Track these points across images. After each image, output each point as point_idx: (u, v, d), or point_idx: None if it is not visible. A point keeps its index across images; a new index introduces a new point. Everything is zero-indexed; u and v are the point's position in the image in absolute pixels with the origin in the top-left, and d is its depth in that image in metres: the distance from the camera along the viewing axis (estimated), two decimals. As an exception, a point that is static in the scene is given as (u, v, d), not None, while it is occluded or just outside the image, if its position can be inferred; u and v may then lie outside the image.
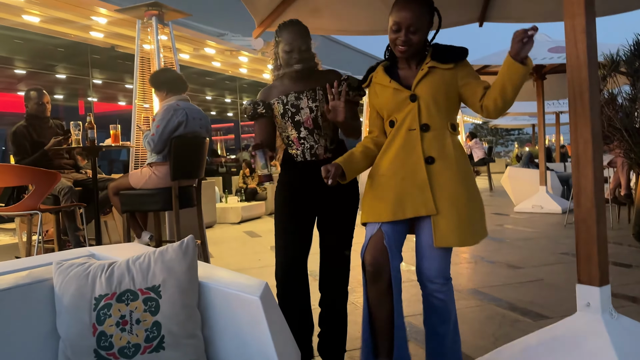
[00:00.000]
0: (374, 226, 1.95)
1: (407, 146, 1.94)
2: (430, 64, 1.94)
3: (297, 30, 2.22)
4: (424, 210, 1.89)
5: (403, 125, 1.95)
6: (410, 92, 1.95)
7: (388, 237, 1.91)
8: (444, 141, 1.93)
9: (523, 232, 6.19)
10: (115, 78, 10.84)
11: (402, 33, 1.91)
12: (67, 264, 1.50)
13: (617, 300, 3.22)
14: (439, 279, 1.94)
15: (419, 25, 1.91)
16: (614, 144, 5.33)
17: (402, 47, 1.93)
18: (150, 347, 1.40)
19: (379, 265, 1.90)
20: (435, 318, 1.98)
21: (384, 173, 1.97)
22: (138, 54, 4.62)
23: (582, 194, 2.02)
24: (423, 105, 1.93)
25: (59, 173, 3.69)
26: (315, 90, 2.26)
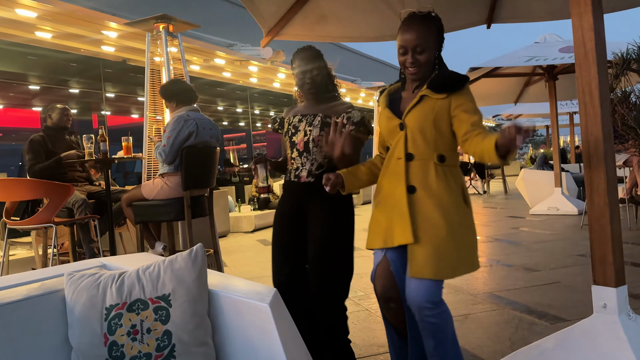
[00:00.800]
0: (379, 253, 1.99)
1: (395, 174, 1.95)
2: (423, 92, 1.93)
3: (307, 56, 2.32)
4: (404, 239, 1.87)
5: (393, 153, 1.97)
6: (399, 120, 1.96)
7: (394, 263, 1.93)
8: (427, 171, 1.91)
9: (539, 234, 6.11)
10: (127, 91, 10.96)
11: (409, 55, 1.92)
12: (78, 274, 1.51)
13: (636, 301, 3.17)
14: (427, 304, 1.85)
15: (425, 45, 1.90)
16: (629, 142, 5.25)
17: (411, 68, 1.94)
18: (162, 355, 1.40)
19: (388, 293, 1.94)
20: (430, 341, 1.91)
21: (380, 200, 2.01)
22: (148, 66, 4.67)
23: (594, 193, 1.99)
24: (409, 135, 1.93)
25: (72, 186, 3.73)
26: (315, 115, 2.31)
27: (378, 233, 1.97)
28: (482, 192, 13.12)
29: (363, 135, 2.27)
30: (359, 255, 5.86)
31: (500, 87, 8.96)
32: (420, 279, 1.84)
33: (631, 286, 3.45)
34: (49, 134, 4.24)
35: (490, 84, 8.51)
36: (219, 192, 7.82)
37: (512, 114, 14.97)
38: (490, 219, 8.05)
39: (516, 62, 6.98)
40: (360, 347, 2.74)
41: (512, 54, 7.44)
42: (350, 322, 3.15)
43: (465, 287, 3.82)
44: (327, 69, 2.36)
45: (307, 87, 2.31)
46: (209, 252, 3.96)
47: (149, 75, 4.65)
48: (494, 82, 8.50)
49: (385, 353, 2.63)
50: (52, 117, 4.34)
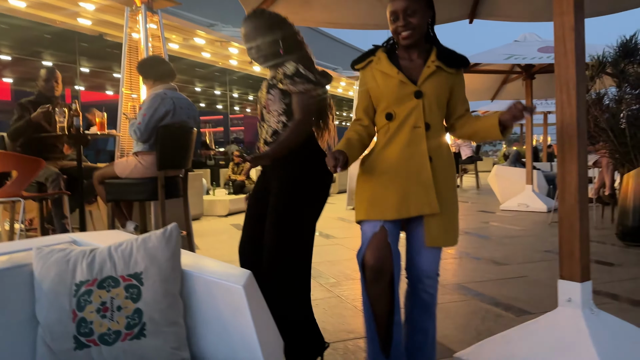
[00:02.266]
0: (374, 224, 1.88)
1: (412, 144, 1.89)
2: (437, 63, 1.91)
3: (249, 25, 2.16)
4: (427, 209, 1.87)
5: (407, 122, 1.90)
6: (416, 87, 1.90)
7: (391, 234, 1.88)
8: (440, 141, 1.94)
9: (508, 229, 6.24)
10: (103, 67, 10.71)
11: (401, 19, 1.88)
12: (47, 249, 1.48)
13: (598, 297, 3.26)
14: (433, 274, 1.98)
15: (415, 7, 1.88)
16: (600, 144, 5.39)
17: (404, 32, 1.89)
18: (131, 334, 1.39)
19: (382, 264, 1.85)
20: (423, 313, 1.99)
21: (387, 170, 1.92)
22: (126, 42, 4.57)
23: (566, 191, 2.04)
24: (427, 104, 1.89)
25: (43, 160, 3.64)
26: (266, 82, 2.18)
27: (383, 203, 1.89)
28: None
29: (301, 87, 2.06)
30: (332, 243, 5.89)
31: (478, 83, 9.05)
32: (433, 249, 1.92)
33: (595, 283, 3.55)
34: (38, 101, 4.12)
35: (468, 80, 8.48)
36: (193, 174, 7.73)
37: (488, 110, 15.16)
38: (462, 212, 8.18)
39: (495, 59, 7.06)
40: (330, 332, 2.77)
41: (491, 51, 7.53)
42: (321, 308, 3.18)
43: (435, 278, 3.88)
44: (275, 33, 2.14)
45: (252, 56, 2.17)
46: (182, 233, 3.92)
47: (127, 51, 4.55)
48: (473, 78, 8.58)
49: (355, 339, 2.66)
50: (38, 84, 4.22)
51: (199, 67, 10.70)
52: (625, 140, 4.94)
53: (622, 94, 5.02)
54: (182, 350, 1.42)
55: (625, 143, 4.95)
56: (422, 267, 1.95)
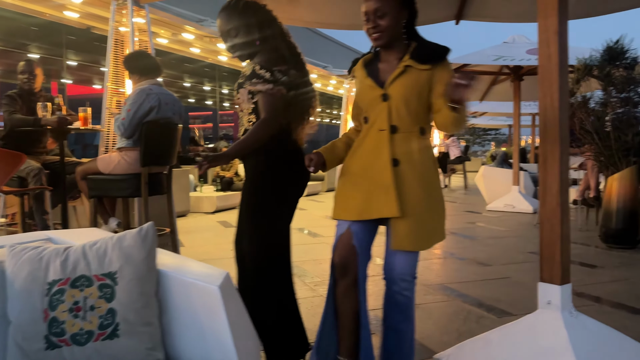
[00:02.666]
0: (343, 225, 1.93)
1: (376, 146, 1.90)
2: (407, 62, 1.89)
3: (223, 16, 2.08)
4: (387, 211, 1.86)
5: (374, 125, 1.91)
6: (382, 90, 1.90)
7: (357, 236, 1.89)
8: (410, 144, 1.90)
9: (494, 230, 6.27)
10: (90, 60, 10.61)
11: (371, 20, 1.88)
12: (20, 247, 1.45)
13: (580, 299, 3.29)
14: (407, 276, 1.95)
15: (385, 9, 1.86)
16: (585, 146, 5.43)
17: (374, 34, 1.89)
18: (104, 334, 1.37)
19: (346, 263, 1.89)
20: (398, 315, 1.98)
21: (355, 171, 1.95)
22: (112, 36, 4.51)
23: (547, 193, 2.05)
24: (393, 106, 1.88)
25: (24, 155, 3.59)
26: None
27: (349, 205, 1.92)
28: (443, 186, 13.33)
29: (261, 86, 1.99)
30: (318, 241, 5.89)
31: (467, 84, 9.08)
32: (404, 252, 1.90)
33: (577, 285, 3.59)
34: (21, 95, 4.07)
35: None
36: (180, 170, 7.68)
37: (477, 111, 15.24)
38: (449, 212, 8.17)
39: (484, 60, 7.09)
40: (312, 332, 2.75)
41: (480, 52, 7.55)
42: (304, 308, 3.16)
43: (419, 278, 3.87)
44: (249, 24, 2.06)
45: (228, 49, 2.12)
46: (166, 231, 3.89)
47: (112, 45, 4.50)
48: (462, 79, 8.61)
49: (336, 339, 2.65)
50: (18, 78, 4.16)
51: (188, 62, 10.63)
52: (610, 144, 4.98)
53: (608, 98, 5.06)
54: (157, 351, 1.41)
55: (610, 146, 4.99)
56: (396, 269, 1.93)
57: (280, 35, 2.13)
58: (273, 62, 2.03)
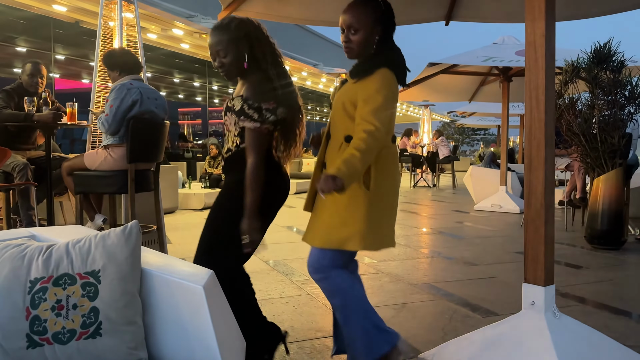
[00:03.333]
0: None
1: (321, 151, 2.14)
2: (345, 75, 2.06)
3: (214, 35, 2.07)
4: (306, 207, 2.16)
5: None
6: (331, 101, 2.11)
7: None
8: (335, 151, 2.03)
9: (481, 230, 6.31)
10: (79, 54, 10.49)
11: (344, 34, 1.99)
12: (2, 244, 1.44)
13: (565, 300, 3.32)
14: (311, 268, 2.06)
15: (358, 26, 1.95)
16: (572, 148, 5.48)
17: (345, 48, 2.01)
18: (87, 332, 1.36)
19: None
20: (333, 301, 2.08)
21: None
22: (100, 30, 4.47)
23: (532, 195, 2.06)
24: (331, 115, 2.09)
25: (9, 150, 3.55)
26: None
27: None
28: (431, 185, 13.42)
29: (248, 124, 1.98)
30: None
31: (456, 84, 9.14)
32: (311, 246, 2.04)
33: (562, 285, 3.63)
34: (18, 92, 4.03)
35: (447, 81, 8.67)
36: (169, 166, 7.64)
37: (466, 111, 15.33)
38: (437, 211, 8.26)
39: (473, 61, 7.12)
40: (298, 330, 2.76)
41: (470, 52, 7.59)
42: (291, 306, 3.17)
43: (405, 277, 3.91)
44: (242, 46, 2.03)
45: (215, 68, 2.11)
46: (152, 228, 3.87)
47: (101, 40, 4.45)
48: (451, 79, 8.66)
49: (323, 337, 2.66)
50: (21, 77, 4.12)
51: (178, 57, 10.57)
52: (597, 145, 5.03)
53: (595, 100, 5.10)
54: (140, 350, 1.40)
55: (597, 148, 5.04)
56: (308, 260, 2.07)
57: (271, 56, 2.08)
58: (261, 98, 1.99)
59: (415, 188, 12.94)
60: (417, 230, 6.37)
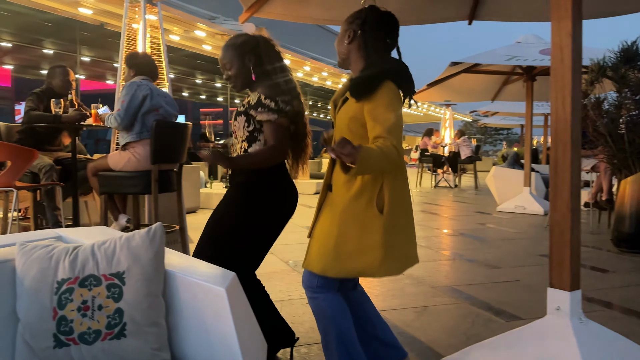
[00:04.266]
0: None
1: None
2: (347, 94, 1.96)
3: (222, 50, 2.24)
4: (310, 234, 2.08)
5: None
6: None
7: None
8: (340, 171, 1.93)
9: (504, 232, 6.23)
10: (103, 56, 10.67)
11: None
12: (30, 245, 1.47)
13: (590, 304, 3.25)
14: (304, 287, 2.04)
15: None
16: (598, 148, 5.37)
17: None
18: (112, 333, 1.38)
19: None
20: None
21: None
22: (124, 32, 4.54)
23: (558, 198, 2.02)
24: (335, 134, 2.04)
25: (36, 151, 3.62)
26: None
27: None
28: (453, 186, 13.29)
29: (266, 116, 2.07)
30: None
31: (479, 83, 9.02)
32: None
33: (587, 289, 3.55)
34: (48, 95, 4.13)
35: (469, 80, 8.57)
36: (191, 167, 7.72)
37: (488, 111, 15.14)
38: (458, 213, 8.17)
39: (497, 60, 7.03)
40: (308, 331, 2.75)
41: (493, 51, 7.49)
42: (308, 309, 3.17)
43: (427, 279, 3.88)
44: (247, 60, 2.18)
45: (225, 79, 2.29)
46: (175, 228, 3.91)
47: (125, 42, 4.52)
48: (473, 78, 8.55)
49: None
50: (52, 83, 4.22)
51: (200, 59, 10.66)
52: (624, 146, 4.92)
53: (622, 100, 4.99)
54: (163, 351, 1.41)
55: (624, 149, 4.93)
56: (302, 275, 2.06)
57: (281, 71, 2.21)
58: (276, 93, 2.12)
59: (436, 188, 12.83)
60: (438, 231, 6.32)
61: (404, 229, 1.97)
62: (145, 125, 3.48)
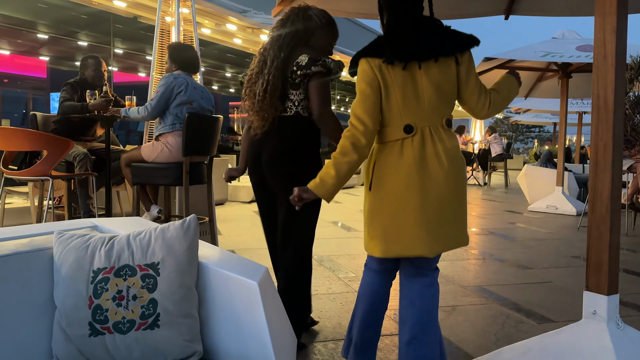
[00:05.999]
0: None
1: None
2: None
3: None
4: None
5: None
6: None
7: None
8: None
9: (535, 232, 6.10)
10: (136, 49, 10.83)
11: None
12: (67, 234, 1.49)
13: (625, 309, 3.16)
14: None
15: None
16: (635, 148, 5.20)
17: None
18: (145, 324, 1.39)
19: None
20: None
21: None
22: (158, 25, 4.59)
23: (597, 199, 1.96)
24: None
25: (72, 140, 3.70)
26: None
27: None
28: (482, 184, 13.09)
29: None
30: (353, 236, 5.85)
31: (512, 79, 8.83)
32: None
33: (622, 293, 3.45)
34: (82, 85, 4.22)
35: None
36: (219, 159, 7.78)
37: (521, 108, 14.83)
38: (488, 211, 8.05)
39: (531, 56, 6.87)
40: (345, 327, 2.75)
41: (528, 47, 7.32)
42: (338, 303, 3.16)
43: (456, 278, 3.83)
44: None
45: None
46: (204, 219, 3.95)
47: (159, 34, 4.57)
48: (507, 74, 8.38)
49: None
50: (85, 74, 4.31)
51: (230, 52, 10.73)
52: (664, 147, 4.76)
53: (663, 98, 4.83)
54: (195, 343, 1.42)
55: (663, 149, 4.77)
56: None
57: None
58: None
59: (465, 186, 12.64)
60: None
61: (395, 208, 1.85)
62: (178, 117, 3.51)
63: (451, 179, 1.86)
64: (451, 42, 1.88)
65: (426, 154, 1.84)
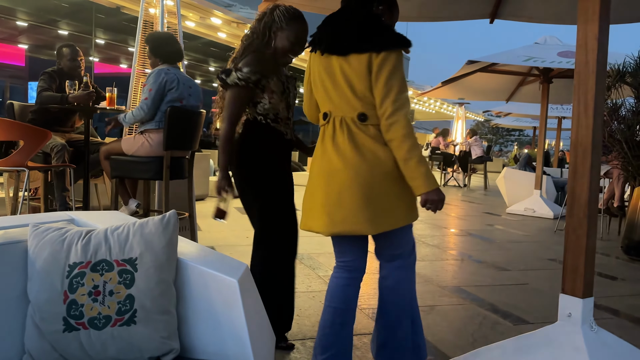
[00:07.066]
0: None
1: None
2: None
3: (306, 28, 2.40)
4: None
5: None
6: None
7: None
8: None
9: (513, 234, 6.19)
10: (118, 40, 10.67)
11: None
12: (43, 227, 1.46)
13: (598, 312, 3.22)
14: None
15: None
16: (612, 154, 5.31)
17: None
18: (122, 320, 1.37)
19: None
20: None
21: None
22: (141, 17, 4.52)
23: (575, 203, 1.99)
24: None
25: (50, 132, 3.62)
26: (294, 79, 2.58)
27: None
28: (462, 186, 13.23)
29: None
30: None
31: (494, 83, 8.94)
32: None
33: (596, 296, 3.50)
34: (60, 74, 4.13)
35: (484, 79, 8.49)
36: (201, 154, 7.72)
37: (502, 112, 15.02)
38: (467, 213, 8.13)
39: (514, 60, 6.95)
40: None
41: (510, 52, 7.41)
42: (318, 301, 3.16)
43: (434, 279, 3.86)
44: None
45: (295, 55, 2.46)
46: (184, 215, 3.91)
47: (142, 26, 4.50)
48: (489, 78, 8.48)
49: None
50: (61, 64, 4.22)
51: (214, 46, 10.65)
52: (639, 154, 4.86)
53: (640, 106, 4.92)
54: (172, 340, 1.41)
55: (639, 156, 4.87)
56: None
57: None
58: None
59: (445, 187, 12.76)
60: (445, 230, 6.28)
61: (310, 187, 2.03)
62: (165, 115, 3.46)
63: (353, 170, 1.87)
64: (370, 41, 1.86)
65: (335, 142, 1.93)
